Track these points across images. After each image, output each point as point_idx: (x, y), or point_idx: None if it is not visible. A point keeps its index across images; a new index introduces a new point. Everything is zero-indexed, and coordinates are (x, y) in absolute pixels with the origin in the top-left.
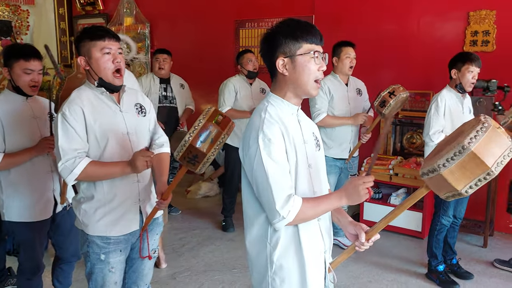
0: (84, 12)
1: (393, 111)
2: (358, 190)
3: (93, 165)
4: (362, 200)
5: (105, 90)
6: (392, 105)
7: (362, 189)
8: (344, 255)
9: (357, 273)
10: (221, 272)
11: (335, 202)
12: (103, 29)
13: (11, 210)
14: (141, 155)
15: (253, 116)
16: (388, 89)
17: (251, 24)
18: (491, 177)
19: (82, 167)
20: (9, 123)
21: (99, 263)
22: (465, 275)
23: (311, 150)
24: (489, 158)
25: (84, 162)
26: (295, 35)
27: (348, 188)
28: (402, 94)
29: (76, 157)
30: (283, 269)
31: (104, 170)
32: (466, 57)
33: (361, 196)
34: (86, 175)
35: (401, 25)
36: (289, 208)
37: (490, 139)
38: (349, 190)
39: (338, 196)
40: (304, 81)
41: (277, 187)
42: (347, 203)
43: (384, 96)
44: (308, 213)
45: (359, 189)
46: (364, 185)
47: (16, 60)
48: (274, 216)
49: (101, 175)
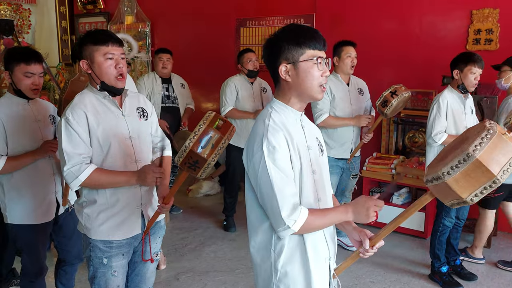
0: (85, 10)
1: (395, 110)
2: (367, 211)
3: (98, 172)
4: (368, 221)
5: (108, 94)
6: (394, 104)
7: (371, 210)
8: (348, 261)
9: (359, 274)
10: (224, 273)
11: (342, 216)
12: (106, 33)
13: (13, 213)
14: (153, 170)
15: (256, 122)
16: (390, 88)
17: (252, 22)
18: (496, 185)
19: (87, 173)
20: (11, 126)
21: (102, 267)
22: (469, 276)
23: (314, 155)
24: (495, 166)
25: (90, 168)
26: (297, 41)
27: (358, 205)
28: (404, 94)
29: (82, 163)
30: (288, 277)
31: (109, 178)
32: (469, 58)
33: (369, 217)
34: (91, 182)
35: (403, 24)
36: (295, 218)
37: (496, 146)
38: (358, 208)
39: (345, 211)
40: (307, 87)
41: (282, 195)
42: (353, 219)
43: (386, 96)
44: (313, 225)
45: (369, 210)
46: (375, 208)
47: (17, 64)
48: (278, 225)
49: (105, 183)
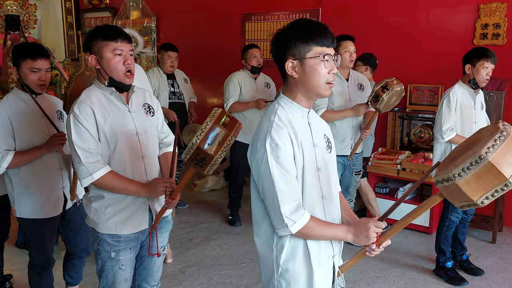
0: (91, 6)
1: (390, 105)
2: (368, 233)
3: (111, 175)
4: (368, 243)
5: (115, 90)
6: (385, 99)
7: (372, 232)
8: (354, 260)
9: (364, 268)
10: (229, 267)
11: (341, 234)
12: (116, 29)
13: (22, 207)
14: (163, 181)
15: (263, 118)
16: (381, 83)
17: (257, 17)
18: (509, 188)
19: (101, 174)
20: (19, 121)
21: (110, 261)
22: (475, 271)
23: (321, 153)
24: (507, 169)
25: (104, 169)
26: (305, 37)
27: (359, 227)
28: (396, 88)
29: (98, 161)
30: (289, 273)
31: (120, 184)
32: (482, 53)
33: (369, 239)
34: (102, 182)
35: (410, 18)
36: (295, 219)
37: (509, 149)
38: (359, 229)
39: (346, 230)
40: (314, 84)
41: (282, 193)
42: (352, 240)
43: (377, 91)
44: (311, 233)
45: (369, 232)
46: (376, 229)
47: (24, 60)
48: (278, 223)
49: (115, 187)
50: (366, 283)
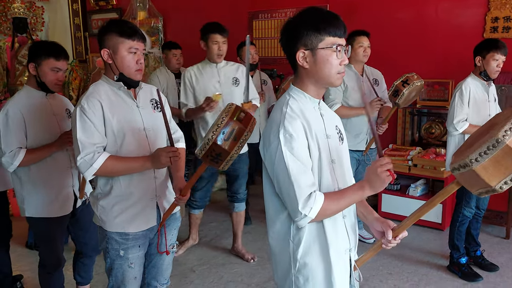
0: (98, 7)
1: (409, 100)
2: (378, 175)
3: (112, 159)
4: (386, 184)
5: (123, 85)
6: (405, 94)
7: (381, 171)
8: (370, 253)
9: (377, 265)
10: (240, 265)
11: (358, 192)
12: (133, 27)
13: (31, 206)
14: (165, 151)
15: (274, 110)
16: (401, 77)
17: (264, 15)
18: None
19: (101, 161)
20: (31, 119)
21: (119, 259)
22: (490, 267)
23: (334, 144)
24: None
25: (103, 156)
26: (317, 27)
27: (369, 175)
28: (416, 83)
29: (95, 152)
30: (307, 268)
31: (123, 165)
32: (492, 45)
33: (384, 180)
34: (106, 169)
35: (419, 12)
36: (311, 205)
37: None
38: (370, 177)
39: (360, 186)
40: (326, 75)
41: (299, 184)
42: (371, 192)
43: (397, 85)
44: (331, 209)
45: (378, 172)
46: (382, 167)
47: (46, 58)
48: (296, 214)
49: (120, 170)
50: (379, 280)
